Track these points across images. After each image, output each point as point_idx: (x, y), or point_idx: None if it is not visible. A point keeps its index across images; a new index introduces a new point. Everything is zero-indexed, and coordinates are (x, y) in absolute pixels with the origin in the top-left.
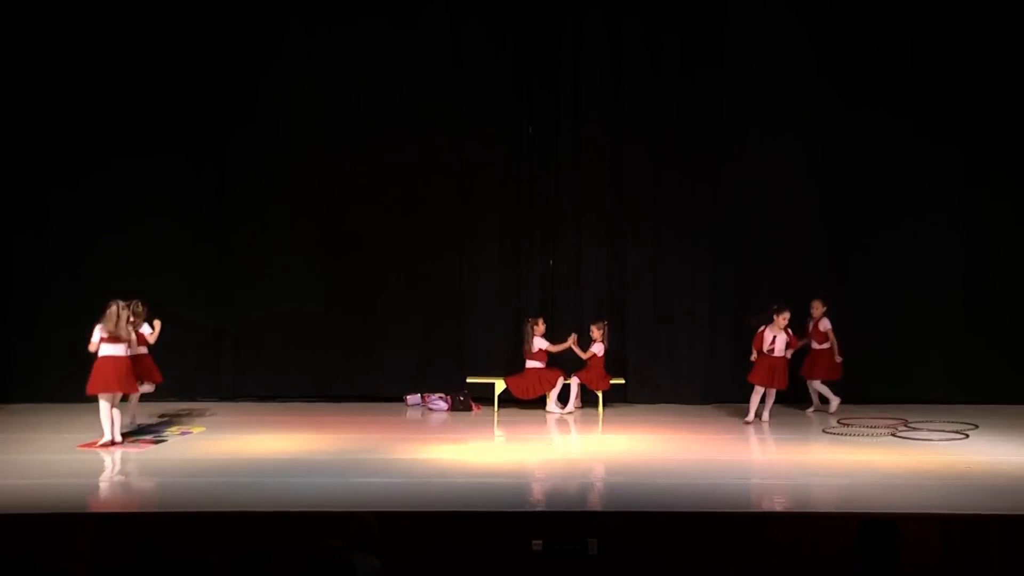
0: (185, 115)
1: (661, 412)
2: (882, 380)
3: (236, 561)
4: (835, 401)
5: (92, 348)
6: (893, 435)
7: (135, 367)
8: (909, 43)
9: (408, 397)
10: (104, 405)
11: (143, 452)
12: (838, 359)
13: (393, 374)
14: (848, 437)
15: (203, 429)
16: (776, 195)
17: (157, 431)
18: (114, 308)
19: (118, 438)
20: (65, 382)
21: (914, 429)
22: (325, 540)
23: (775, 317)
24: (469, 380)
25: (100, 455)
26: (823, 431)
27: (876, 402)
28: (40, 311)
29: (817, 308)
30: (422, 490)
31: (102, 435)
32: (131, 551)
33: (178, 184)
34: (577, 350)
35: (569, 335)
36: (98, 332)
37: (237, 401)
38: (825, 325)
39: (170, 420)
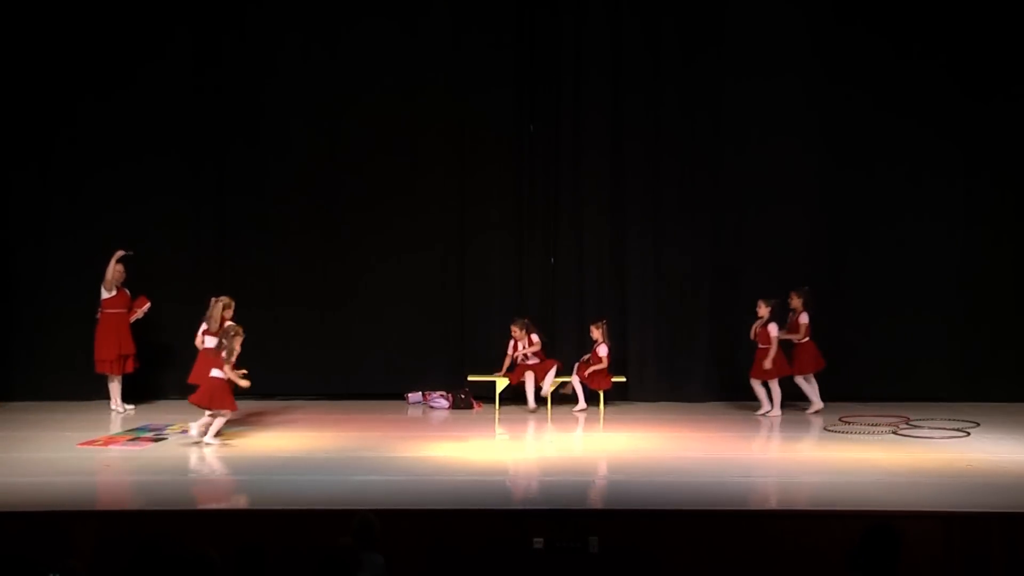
0: (185, 118)
1: (662, 410)
2: (883, 378)
3: (235, 556)
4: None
5: (197, 343)
6: (894, 433)
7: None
8: (908, 34)
9: (409, 395)
10: None
11: (144, 450)
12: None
13: (394, 372)
14: (849, 435)
15: None
16: (777, 191)
17: (158, 429)
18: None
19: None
20: (66, 380)
21: (915, 427)
22: (337, 539)
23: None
24: (470, 378)
25: (101, 453)
26: (824, 429)
27: (877, 400)
28: (42, 309)
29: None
30: (423, 488)
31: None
32: (132, 549)
33: (178, 185)
34: (589, 371)
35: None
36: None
37: (238, 399)
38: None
39: (171, 418)
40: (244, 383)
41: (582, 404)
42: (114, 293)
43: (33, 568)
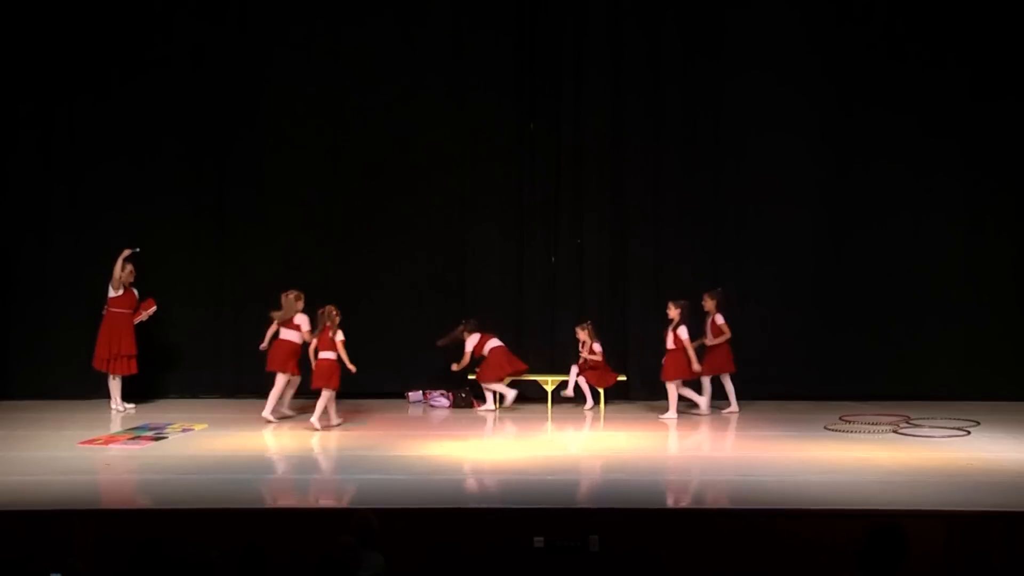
0: (185, 118)
1: (662, 410)
2: (884, 377)
3: (238, 556)
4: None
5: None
6: (895, 432)
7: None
8: (909, 34)
9: (410, 394)
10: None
11: (144, 449)
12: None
13: (395, 371)
14: (850, 434)
15: (205, 426)
16: (777, 191)
17: (159, 428)
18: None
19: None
20: (66, 379)
21: (916, 426)
22: (338, 537)
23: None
24: (471, 377)
25: (101, 452)
26: (825, 428)
27: (878, 399)
28: (42, 308)
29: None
30: (424, 487)
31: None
32: (132, 548)
33: (178, 185)
34: (591, 359)
35: None
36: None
37: (239, 398)
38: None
39: (172, 417)
40: (352, 366)
41: (590, 402)
42: (121, 292)
43: (33, 568)
